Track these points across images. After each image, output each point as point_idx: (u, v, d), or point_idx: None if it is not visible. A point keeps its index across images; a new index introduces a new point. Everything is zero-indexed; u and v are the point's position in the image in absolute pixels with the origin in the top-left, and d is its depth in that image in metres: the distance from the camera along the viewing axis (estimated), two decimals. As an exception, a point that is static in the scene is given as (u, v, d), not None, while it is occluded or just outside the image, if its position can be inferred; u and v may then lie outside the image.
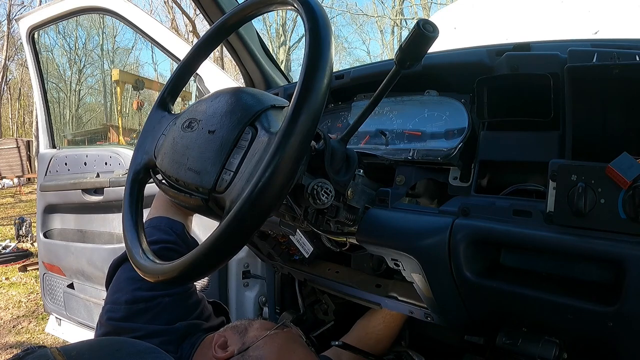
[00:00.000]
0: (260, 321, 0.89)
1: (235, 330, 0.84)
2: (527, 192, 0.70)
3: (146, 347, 0.57)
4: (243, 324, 0.86)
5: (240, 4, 0.71)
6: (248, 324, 0.86)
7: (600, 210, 0.54)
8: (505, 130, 0.72)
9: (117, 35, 19.73)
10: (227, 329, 0.85)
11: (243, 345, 0.79)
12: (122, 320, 0.77)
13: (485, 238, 0.64)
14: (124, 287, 0.81)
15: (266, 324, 0.87)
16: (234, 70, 12.61)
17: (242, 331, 0.83)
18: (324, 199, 0.63)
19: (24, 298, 3.85)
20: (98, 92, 20.41)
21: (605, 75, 0.61)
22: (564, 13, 1.66)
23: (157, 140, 0.73)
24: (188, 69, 0.79)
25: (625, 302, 0.54)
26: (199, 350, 0.80)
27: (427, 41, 0.59)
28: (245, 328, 0.84)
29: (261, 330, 0.83)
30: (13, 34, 17.74)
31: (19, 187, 11.82)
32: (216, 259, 0.53)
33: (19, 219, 5.95)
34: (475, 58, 0.81)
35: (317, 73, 0.52)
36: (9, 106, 23.79)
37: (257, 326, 0.85)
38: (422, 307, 0.84)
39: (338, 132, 1.02)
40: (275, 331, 0.83)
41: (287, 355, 0.81)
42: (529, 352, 0.64)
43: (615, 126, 0.65)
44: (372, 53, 23.42)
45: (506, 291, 0.64)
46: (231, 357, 0.77)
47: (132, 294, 0.79)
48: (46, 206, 2.08)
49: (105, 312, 0.81)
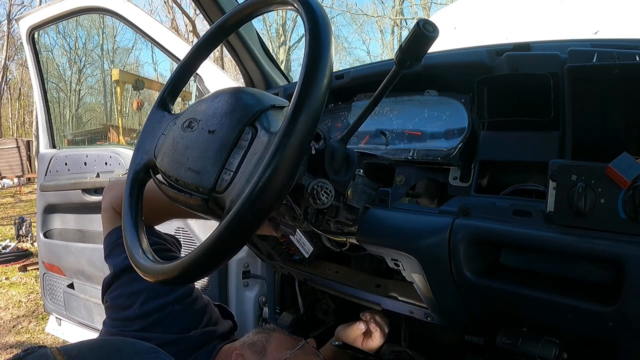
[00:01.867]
0: (277, 336, 0.87)
1: (253, 349, 0.82)
2: (527, 192, 0.70)
3: (147, 347, 0.57)
4: (261, 341, 0.84)
5: (240, 4, 0.71)
6: (266, 340, 0.85)
7: (600, 210, 0.54)
8: (505, 130, 0.72)
9: (117, 35, 19.77)
10: (244, 346, 0.84)
11: None
12: (137, 331, 0.77)
13: (485, 238, 0.64)
14: (129, 303, 0.79)
15: (284, 340, 0.86)
16: (234, 70, 12.61)
17: (261, 350, 0.82)
18: (324, 199, 0.63)
19: (24, 298, 3.85)
20: (98, 92, 20.44)
21: (605, 75, 0.61)
22: (564, 13, 1.66)
23: (157, 140, 0.73)
24: (188, 69, 0.78)
25: (625, 302, 0.54)
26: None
27: (427, 41, 0.59)
28: (263, 347, 0.83)
29: (280, 351, 0.82)
30: (13, 34, 17.76)
31: (19, 187, 11.82)
32: (216, 258, 0.53)
33: (19, 218, 5.95)
34: (475, 58, 0.81)
35: (317, 73, 0.52)
36: (9, 106, 23.79)
37: (275, 345, 0.84)
38: (422, 307, 0.84)
39: (338, 132, 1.02)
40: (296, 352, 0.82)
41: None
42: (529, 352, 0.64)
43: (615, 126, 0.65)
44: (372, 53, 23.44)
45: (506, 291, 0.64)
46: None
47: (142, 308, 0.78)
48: (46, 206, 2.08)
49: (117, 330, 0.79)
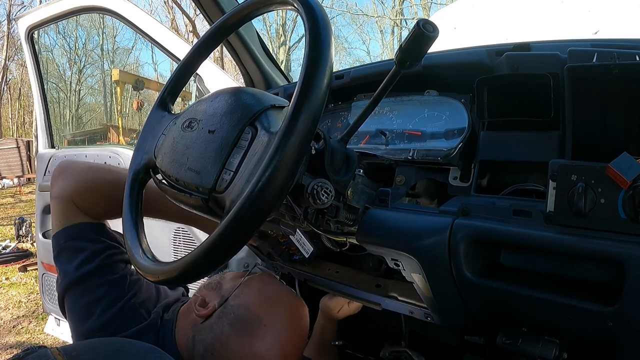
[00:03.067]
0: (231, 272, 0.90)
1: (209, 287, 0.85)
2: (527, 192, 0.70)
3: (147, 348, 0.57)
4: (215, 279, 0.87)
5: (240, 4, 0.71)
6: (220, 277, 0.88)
7: (600, 210, 0.54)
8: (505, 130, 0.72)
9: (117, 35, 19.81)
10: (200, 289, 0.87)
11: (222, 298, 0.81)
12: None
13: (485, 238, 0.64)
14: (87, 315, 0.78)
15: (238, 273, 0.89)
16: (234, 70, 12.62)
17: (217, 286, 0.85)
18: (324, 198, 0.63)
19: (24, 298, 3.85)
20: (98, 92, 20.49)
21: (605, 75, 0.61)
22: (564, 13, 1.66)
23: (157, 140, 0.73)
24: (188, 69, 0.78)
25: (625, 302, 0.54)
26: (180, 319, 0.81)
27: (427, 41, 0.59)
28: (218, 282, 0.86)
29: (235, 280, 0.85)
30: (13, 34, 17.74)
31: (19, 187, 11.82)
32: (216, 258, 0.53)
33: (19, 219, 5.94)
34: (475, 58, 0.81)
35: (317, 73, 0.52)
36: (9, 106, 23.78)
37: (230, 277, 0.87)
38: (422, 307, 0.84)
39: (338, 132, 1.02)
40: (249, 277, 0.85)
41: (267, 294, 0.83)
42: (529, 352, 0.64)
43: (615, 126, 0.65)
44: (372, 53, 23.47)
45: (506, 291, 0.64)
46: (214, 312, 0.79)
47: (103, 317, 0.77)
48: (45, 206, 2.08)
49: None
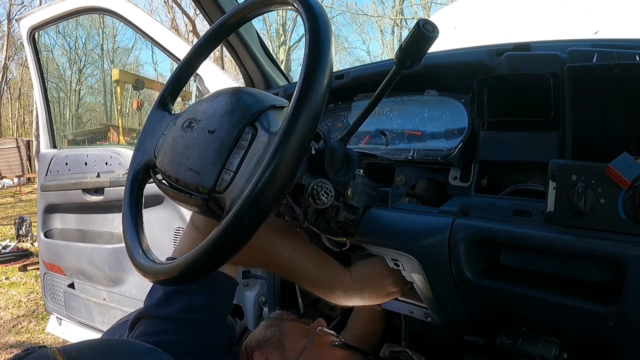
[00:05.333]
0: (288, 325, 0.87)
1: (271, 346, 0.83)
2: (527, 192, 0.70)
3: (147, 348, 0.57)
4: (275, 336, 0.84)
5: (240, 4, 0.71)
6: (279, 333, 0.85)
7: (600, 210, 0.54)
8: (505, 130, 0.72)
9: (117, 35, 19.80)
10: (261, 345, 0.84)
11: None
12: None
13: (485, 238, 0.64)
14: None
15: (297, 328, 0.86)
16: (234, 70, 12.60)
17: (278, 345, 0.82)
18: (324, 199, 0.63)
19: (24, 298, 3.85)
20: (98, 92, 20.47)
21: (605, 75, 0.61)
22: (564, 13, 1.66)
23: (157, 140, 0.73)
24: (188, 69, 0.78)
25: (625, 302, 0.54)
26: None
27: (427, 41, 0.59)
28: (279, 341, 0.83)
29: (297, 341, 0.83)
30: (13, 34, 17.76)
31: (18, 186, 11.82)
32: (217, 258, 0.53)
33: (19, 218, 5.95)
34: (475, 58, 0.81)
35: (317, 73, 0.52)
36: (9, 106, 23.80)
37: (290, 336, 0.84)
38: (422, 307, 0.84)
39: (338, 132, 1.02)
40: (313, 339, 0.83)
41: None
42: (529, 352, 0.64)
43: (615, 126, 0.65)
44: (372, 53, 23.44)
45: (506, 291, 0.64)
46: None
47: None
48: (47, 206, 2.08)
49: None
